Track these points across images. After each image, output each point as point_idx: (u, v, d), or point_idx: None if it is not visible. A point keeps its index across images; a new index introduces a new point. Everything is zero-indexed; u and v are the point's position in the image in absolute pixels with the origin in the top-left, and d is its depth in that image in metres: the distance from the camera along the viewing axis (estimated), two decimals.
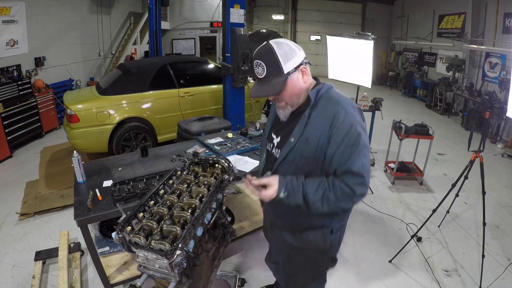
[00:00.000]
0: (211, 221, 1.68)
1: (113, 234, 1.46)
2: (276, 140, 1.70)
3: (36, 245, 3.46)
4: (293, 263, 1.92)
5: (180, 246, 1.37)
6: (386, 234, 3.81)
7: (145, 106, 5.38)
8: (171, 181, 1.88)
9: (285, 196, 1.51)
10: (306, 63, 1.53)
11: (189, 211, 1.58)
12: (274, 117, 1.75)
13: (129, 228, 1.48)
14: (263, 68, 1.48)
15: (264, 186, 1.55)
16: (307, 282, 1.95)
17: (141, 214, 1.59)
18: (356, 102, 4.78)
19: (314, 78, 1.63)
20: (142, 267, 1.47)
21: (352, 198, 1.48)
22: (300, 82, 1.52)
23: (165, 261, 1.36)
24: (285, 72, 1.47)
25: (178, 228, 1.44)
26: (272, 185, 1.53)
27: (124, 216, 1.56)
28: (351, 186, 1.45)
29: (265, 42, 1.51)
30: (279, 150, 1.66)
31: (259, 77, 1.52)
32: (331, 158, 1.49)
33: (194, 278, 1.60)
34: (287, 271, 2.02)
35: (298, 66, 1.49)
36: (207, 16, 14.94)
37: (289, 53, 1.47)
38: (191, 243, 1.47)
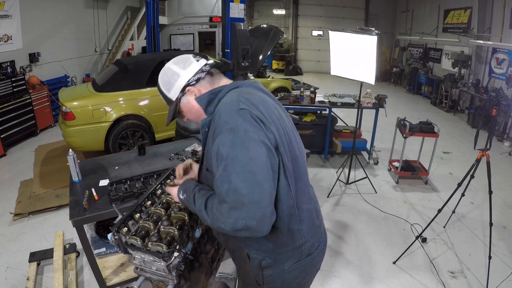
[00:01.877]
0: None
1: (109, 236, 1.45)
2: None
3: (30, 246, 3.45)
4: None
5: (177, 248, 1.37)
6: (390, 234, 3.81)
7: (142, 103, 5.36)
8: (168, 181, 1.87)
9: (184, 199, 1.44)
10: (198, 79, 1.41)
11: (187, 212, 1.57)
12: None
13: (125, 229, 1.47)
14: (164, 98, 1.48)
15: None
16: None
17: (137, 215, 1.58)
18: (359, 99, 4.76)
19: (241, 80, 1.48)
20: (138, 269, 1.47)
21: (224, 222, 1.19)
22: (192, 102, 1.41)
23: (162, 264, 1.36)
24: (173, 99, 1.43)
25: (176, 230, 1.43)
26: (178, 184, 1.55)
27: (120, 217, 1.55)
28: (219, 214, 1.21)
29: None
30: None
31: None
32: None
33: (192, 281, 1.59)
34: None
35: (184, 89, 1.40)
36: (206, 11, 14.91)
37: (171, 79, 1.41)
38: (189, 245, 1.46)
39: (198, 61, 1.44)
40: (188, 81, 1.39)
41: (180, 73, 1.40)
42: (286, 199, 1.32)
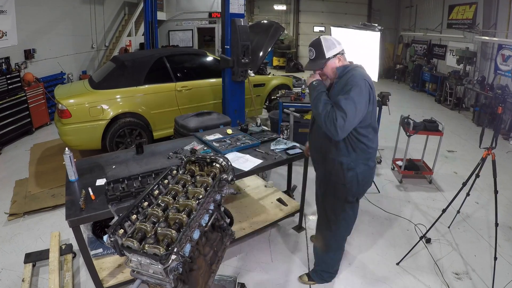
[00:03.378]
0: (209, 224, 1.66)
1: (105, 237, 1.44)
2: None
3: (25, 246, 3.44)
4: (323, 195, 2.72)
5: (175, 250, 1.36)
6: (394, 235, 3.80)
7: (140, 100, 5.35)
8: (166, 181, 1.86)
9: (315, 85, 2.40)
10: (342, 53, 2.42)
11: (185, 213, 1.56)
12: None
13: (121, 231, 1.46)
14: (313, 53, 2.41)
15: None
16: (333, 214, 2.67)
17: (134, 216, 1.57)
18: None
19: (350, 62, 2.47)
20: (135, 272, 1.46)
21: (333, 123, 2.17)
22: (336, 64, 2.39)
23: (159, 266, 1.35)
24: (327, 57, 2.37)
25: (174, 231, 1.42)
26: (315, 77, 2.47)
27: (116, 218, 1.54)
28: (335, 115, 2.16)
29: (318, 36, 2.41)
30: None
31: (310, 58, 2.45)
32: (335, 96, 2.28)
33: (190, 284, 1.58)
34: (319, 206, 2.84)
35: (336, 55, 2.38)
36: (205, 6, 14.90)
37: (331, 46, 2.37)
38: (187, 247, 1.45)
39: (340, 44, 2.43)
40: (340, 51, 2.41)
41: (337, 45, 2.40)
42: (373, 121, 2.42)
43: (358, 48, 4.27)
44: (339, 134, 2.19)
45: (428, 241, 3.63)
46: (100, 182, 2.64)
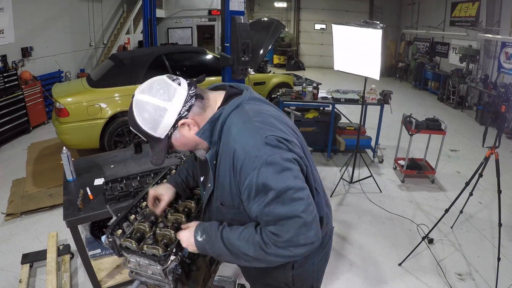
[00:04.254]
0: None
1: (103, 238, 1.44)
2: (201, 181, 1.53)
3: (23, 247, 3.44)
4: None
5: (174, 251, 1.36)
6: (396, 235, 3.80)
7: None
8: (165, 180, 1.86)
9: (204, 241, 1.32)
10: (189, 108, 1.24)
11: (184, 213, 1.56)
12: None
13: (119, 231, 1.46)
14: (142, 137, 1.29)
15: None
16: None
17: (132, 216, 1.57)
18: (364, 95, 4.74)
19: (228, 87, 1.43)
20: (134, 273, 1.46)
21: (293, 253, 1.21)
22: (188, 135, 1.28)
23: (158, 267, 1.35)
24: (162, 137, 1.26)
25: (173, 232, 1.42)
26: (189, 226, 1.40)
27: (114, 218, 1.53)
28: (289, 241, 1.18)
29: (130, 104, 1.25)
30: (204, 193, 1.48)
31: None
32: (248, 210, 1.26)
33: (189, 285, 1.58)
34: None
35: (176, 123, 1.23)
36: (205, 4, 14.87)
37: (156, 116, 1.20)
38: (187, 248, 1.44)
39: (180, 84, 1.23)
40: (179, 114, 1.22)
41: (167, 106, 1.19)
42: (318, 200, 1.36)
43: (360, 46, 4.26)
44: (313, 246, 1.21)
45: (431, 241, 3.63)
46: (98, 181, 2.64)
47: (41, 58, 8.04)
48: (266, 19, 6.99)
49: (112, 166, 2.95)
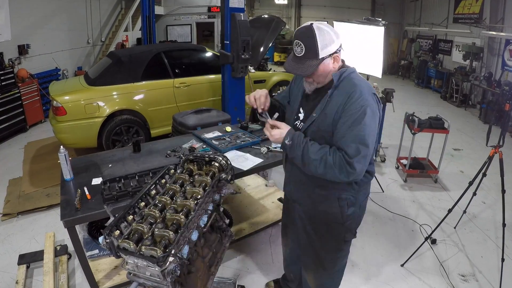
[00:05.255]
0: (207, 224, 1.66)
1: (100, 239, 1.43)
2: (301, 115, 1.98)
3: (19, 247, 3.44)
4: (313, 235, 2.16)
5: (173, 252, 1.35)
6: (398, 236, 3.79)
7: (137, 97, 5.34)
8: (163, 180, 1.85)
9: (289, 145, 1.79)
10: (340, 50, 1.76)
11: (183, 213, 1.55)
12: (302, 93, 2.00)
13: (117, 232, 1.45)
14: (302, 49, 1.72)
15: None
16: (328, 254, 2.18)
17: (130, 217, 1.56)
18: None
19: (342, 61, 1.88)
20: (131, 274, 1.45)
21: (348, 172, 1.68)
22: (330, 66, 1.76)
23: (156, 269, 1.34)
24: (320, 57, 1.70)
25: (171, 233, 1.41)
26: (282, 128, 1.84)
27: (112, 218, 1.53)
28: (348, 159, 1.67)
29: (309, 23, 1.71)
30: (303, 124, 1.93)
31: (297, 55, 1.76)
32: (337, 132, 1.73)
33: (188, 287, 1.57)
34: (306, 247, 2.25)
35: (332, 54, 1.73)
36: (204, 0, 14.87)
37: (328, 41, 1.69)
38: (185, 249, 1.44)
39: (340, 37, 1.77)
40: (338, 48, 1.74)
41: (335, 40, 1.71)
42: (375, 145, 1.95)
43: (362, 43, 4.26)
44: (357, 177, 1.73)
45: (434, 242, 3.62)
46: (96, 181, 2.63)
47: (38, 55, 8.04)
48: (266, 16, 6.96)
49: (110, 165, 2.94)
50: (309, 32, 1.68)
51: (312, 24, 1.70)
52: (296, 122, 2.01)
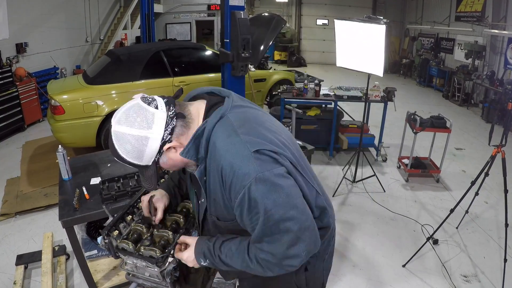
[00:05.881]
0: None
1: (99, 239, 1.44)
2: (194, 199, 1.50)
3: (17, 248, 3.44)
4: None
5: (172, 252, 1.35)
6: (400, 236, 3.79)
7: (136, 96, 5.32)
8: (162, 180, 1.85)
9: (208, 265, 1.36)
10: (172, 130, 1.19)
11: (183, 213, 1.55)
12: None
13: (116, 232, 1.45)
14: (128, 166, 1.25)
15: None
16: None
17: (129, 217, 1.56)
18: (367, 92, 4.73)
19: (210, 93, 1.38)
20: (130, 275, 1.45)
21: (290, 267, 1.24)
22: (175, 157, 1.25)
23: (156, 269, 1.34)
24: (149, 164, 1.23)
25: (170, 233, 1.41)
26: (190, 246, 1.39)
27: (111, 218, 1.53)
28: (279, 258, 1.20)
29: (111, 127, 1.20)
30: (198, 212, 1.47)
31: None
32: (242, 226, 1.27)
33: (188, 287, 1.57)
34: None
35: (161, 149, 1.20)
36: None
37: (139, 146, 1.16)
38: None
39: (157, 107, 1.18)
40: (163, 139, 1.18)
41: (148, 134, 1.15)
42: (315, 198, 1.32)
43: (363, 42, 4.25)
44: (316, 249, 1.27)
45: (436, 242, 3.62)
46: (95, 181, 2.64)
47: (36, 54, 8.03)
48: (266, 14, 6.96)
49: (109, 165, 2.94)
50: (112, 148, 1.19)
51: (111, 130, 1.20)
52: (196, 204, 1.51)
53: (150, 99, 1.20)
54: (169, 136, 1.19)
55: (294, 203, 1.16)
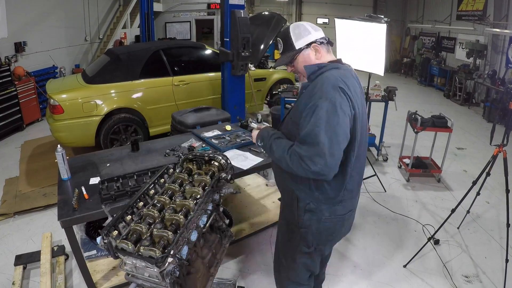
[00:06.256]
0: (207, 225, 1.66)
1: (98, 239, 1.43)
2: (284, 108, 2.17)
3: (16, 248, 3.43)
4: (279, 233, 2.21)
5: (172, 252, 1.35)
6: (401, 236, 3.79)
7: (135, 95, 5.33)
8: (162, 180, 1.85)
9: (262, 146, 1.92)
10: (321, 42, 1.82)
11: (182, 213, 1.55)
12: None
13: (115, 232, 1.45)
14: (281, 45, 1.89)
15: None
16: (285, 259, 2.16)
17: (129, 217, 1.56)
18: (368, 92, 4.72)
19: (337, 60, 1.87)
20: (130, 275, 1.45)
21: (305, 169, 1.60)
22: (312, 57, 1.82)
23: (155, 270, 1.34)
24: (297, 48, 1.82)
25: (170, 233, 1.41)
26: (256, 131, 2.00)
27: (110, 219, 1.53)
28: (302, 158, 1.60)
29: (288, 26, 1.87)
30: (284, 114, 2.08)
31: (279, 51, 1.92)
32: (299, 126, 1.69)
33: None
34: (276, 246, 2.29)
35: (310, 44, 1.80)
36: None
37: (303, 33, 1.81)
38: (185, 249, 1.44)
39: (321, 31, 1.86)
40: (316, 40, 1.81)
41: (312, 32, 1.82)
42: (346, 161, 1.73)
43: (363, 41, 4.25)
44: (321, 175, 1.61)
45: (437, 242, 3.62)
46: (94, 180, 2.63)
47: (35, 53, 8.03)
48: (267, 13, 6.97)
49: (108, 164, 2.94)
50: (285, 29, 1.88)
51: (291, 23, 1.87)
52: None
53: (315, 28, 1.86)
54: (319, 43, 1.82)
55: (336, 130, 1.58)
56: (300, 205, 1.87)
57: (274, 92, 7.34)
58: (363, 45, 4.26)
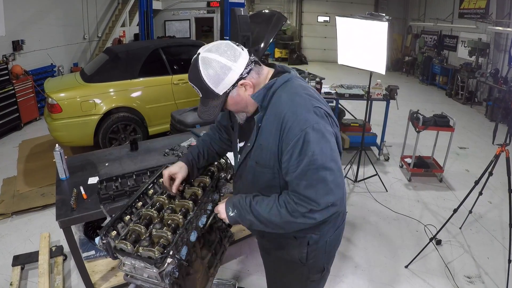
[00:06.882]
0: (207, 225, 1.65)
1: (97, 240, 1.43)
2: (240, 145, 1.70)
3: (14, 248, 3.44)
4: (274, 272, 1.90)
5: (171, 253, 1.34)
6: (402, 236, 3.79)
7: (134, 94, 5.34)
8: (161, 180, 1.85)
9: (236, 215, 1.52)
10: (249, 71, 1.42)
11: (182, 213, 1.55)
12: (236, 123, 1.69)
13: (114, 232, 1.45)
14: (198, 91, 1.45)
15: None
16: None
17: (127, 217, 1.56)
18: (369, 90, 4.72)
19: (278, 66, 1.57)
20: (129, 276, 1.45)
21: (313, 218, 1.38)
22: (243, 95, 1.45)
23: (154, 270, 1.33)
24: (220, 94, 1.42)
25: (169, 233, 1.41)
26: (223, 202, 1.60)
27: (109, 219, 1.53)
28: (300, 210, 1.37)
29: (197, 54, 1.41)
30: (239, 156, 1.67)
31: (200, 97, 1.50)
32: (285, 173, 1.43)
33: None
34: (272, 281, 1.96)
35: (236, 83, 1.40)
36: None
37: (220, 74, 1.36)
38: (184, 250, 1.43)
39: (243, 50, 1.43)
40: (241, 74, 1.40)
41: (232, 66, 1.37)
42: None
43: (365, 39, 4.25)
44: (339, 207, 1.43)
45: (439, 242, 3.62)
46: (92, 180, 2.63)
47: (33, 51, 8.01)
48: (267, 11, 6.95)
49: (106, 164, 2.94)
50: (195, 69, 1.40)
51: (198, 55, 1.40)
52: (237, 154, 1.73)
53: (237, 44, 1.45)
54: (246, 75, 1.41)
55: (335, 157, 1.38)
56: (301, 243, 1.62)
57: None
58: (364, 44, 4.26)
